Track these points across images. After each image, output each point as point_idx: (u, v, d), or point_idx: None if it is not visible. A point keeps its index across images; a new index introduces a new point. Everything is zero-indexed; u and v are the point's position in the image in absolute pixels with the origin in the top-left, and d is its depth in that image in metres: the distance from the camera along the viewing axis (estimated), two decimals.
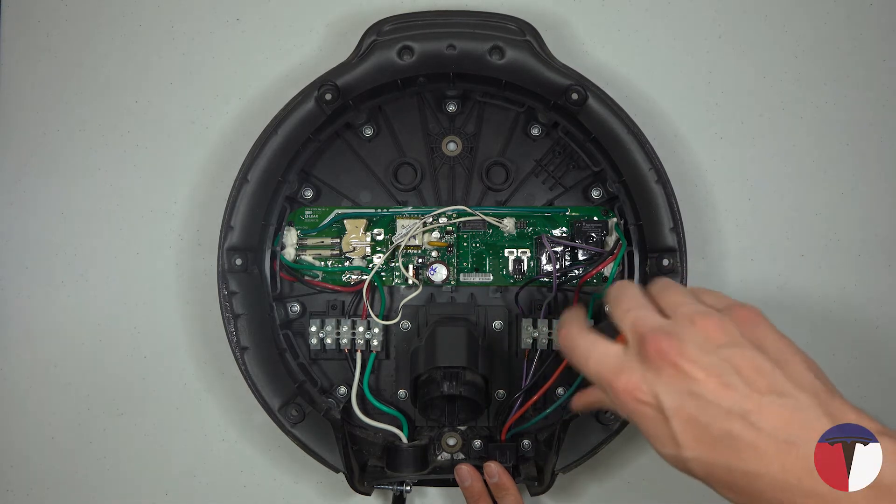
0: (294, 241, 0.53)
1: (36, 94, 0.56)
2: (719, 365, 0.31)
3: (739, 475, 0.30)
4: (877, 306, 0.54)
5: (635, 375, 0.32)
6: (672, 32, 0.56)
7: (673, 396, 0.31)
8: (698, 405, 0.31)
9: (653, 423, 0.32)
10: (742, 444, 0.30)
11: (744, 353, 0.31)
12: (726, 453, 0.30)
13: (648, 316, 0.34)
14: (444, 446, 0.52)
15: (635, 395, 0.32)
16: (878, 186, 0.55)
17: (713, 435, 0.30)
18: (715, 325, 0.32)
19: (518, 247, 0.53)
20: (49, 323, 0.55)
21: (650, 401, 0.32)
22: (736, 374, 0.31)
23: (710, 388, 0.30)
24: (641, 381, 0.32)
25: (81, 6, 0.57)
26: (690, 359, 0.31)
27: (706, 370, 0.31)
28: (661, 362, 0.32)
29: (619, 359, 0.33)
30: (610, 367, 0.33)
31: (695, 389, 0.31)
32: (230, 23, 0.57)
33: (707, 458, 0.31)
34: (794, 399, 0.30)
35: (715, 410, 0.30)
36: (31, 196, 0.56)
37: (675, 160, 0.54)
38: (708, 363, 0.31)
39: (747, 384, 0.30)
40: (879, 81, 0.55)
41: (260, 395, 0.49)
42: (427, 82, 0.52)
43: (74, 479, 0.55)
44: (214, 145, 0.56)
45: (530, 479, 0.50)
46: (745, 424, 0.30)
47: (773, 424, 0.29)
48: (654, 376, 0.32)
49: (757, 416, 0.30)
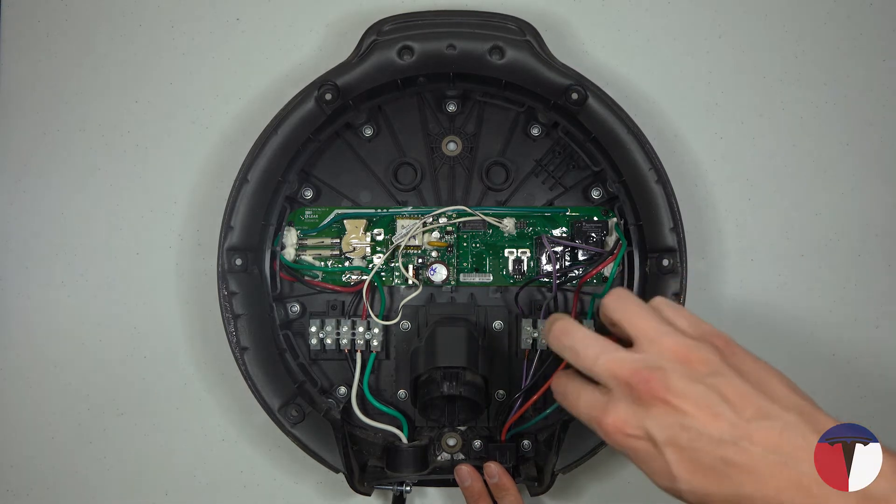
0: (294, 241, 0.53)
1: (36, 94, 0.56)
2: (706, 395, 0.31)
3: (735, 500, 0.31)
4: (877, 306, 0.54)
5: (622, 412, 0.33)
6: (672, 32, 0.56)
7: (664, 431, 0.32)
8: (690, 437, 0.31)
9: (646, 456, 0.33)
10: (736, 470, 0.30)
11: (728, 381, 0.32)
12: (721, 480, 0.31)
13: (622, 356, 0.34)
14: (444, 446, 0.52)
15: (625, 431, 0.33)
16: (878, 186, 0.55)
17: (707, 464, 0.31)
18: (697, 356, 0.33)
19: (518, 247, 0.53)
20: (49, 323, 0.55)
21: (641, 435, 0.32)
22: (723, 403, 0.31)
23: (701, 419, 0.31)
24: (631, 417, 0.33)
25: (81, 6, 0.57)
26: (678, 393, 0.32)
27: (695, 402, 0.31)
28: (651, 399, 0.32)
29: (605, 398, 0.34)
30: (598, 407, 0.34)
31: (685, 423, 0.31)
32: (230, 23, 0.57)
33: (703, 488, 0.31)
34: (782, 420, 0.31)
35: (707, 440, 0.31)
36: (31, 196, 0.56)
37: (675, 160, 0.54)
38: (695, 395, 0.31)
39: (735, 411, 0.31)
40: (879, 81, 0.55)
41: (260, 395, 0.49)
42: (427, 82, 0.52)
43: (74, 479, 0.55)
44: (214, 145, 0.56)
45: (530, 480, 0.50)
46: (737, 450, 0.30)
47: (765, 447, 0.30)
48: (643, 412, 0.32)
49: (748, 441, 0.30)
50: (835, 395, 0.54)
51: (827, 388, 0.54)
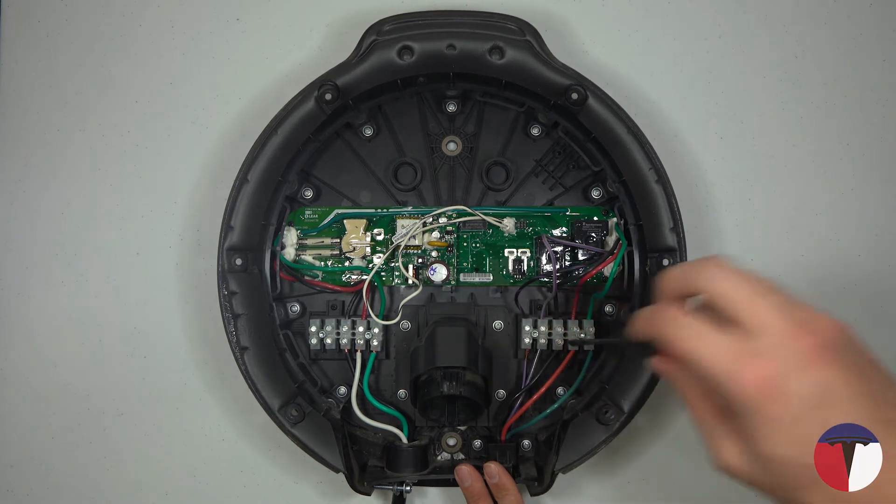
0: (294, 241, 0.53)
1: (36, 94, 0.56)
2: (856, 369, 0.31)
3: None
4: (877, 306, 0.54)
5: (783, 362, 0.31)
6: (672, 32, 0.56)
7: (818, 396, 0.30)
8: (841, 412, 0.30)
9: (781, 416, 0.31)
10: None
11: (869, 361, 0.32)
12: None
13: (789, 299, 0.32)
14: (444, 446, 0.52)
15: (776, 384, 0.30)
16: (878, 186, 0.55)
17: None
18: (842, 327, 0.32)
19: (518, 247, 0.53)
20: (49, 323, 0.55)
21: (796, 391, 0.30)
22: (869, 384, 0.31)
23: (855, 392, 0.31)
24: (792, 370, 0.30)
25: (81, 6, 0.57)
26: (842, 361, 0.31)
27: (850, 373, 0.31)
28: (820, 356, 0.30)
29: (746, 343, 0.31)
30: (735, 353, 0.31)
31: (841, 393, 0.30)
32: (230, 23, 0.57)
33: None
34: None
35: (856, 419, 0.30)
36: (32, 196, 0.56)
37: (675, 160, 0.54)
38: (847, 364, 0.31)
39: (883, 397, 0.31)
40: (879, 81, 0.55)
41: (260, 395, 0.49)
42: (427, 82, 0.52)
43: (74, 479, 0.55)
44: (214, 145, 0.56)
45: (530, 479, 0.50)
46: (883, 436, 0.30)
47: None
48: (805, 368, 0.31)
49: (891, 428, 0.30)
50: None
51: None
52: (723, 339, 0.32)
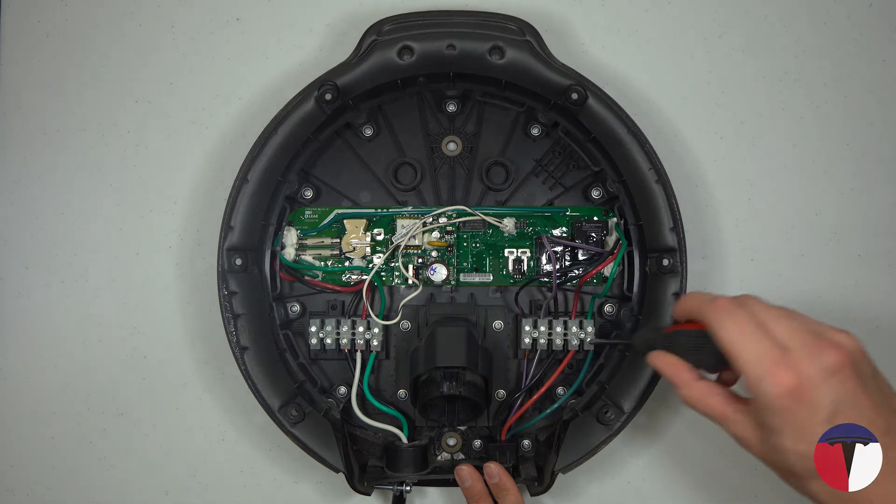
0: (294, 241, 0.53)
1: (36, 94, 0.56)
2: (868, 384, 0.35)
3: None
4: (877, 306, 0.54)
5: (807, 373, 0.35)
6: (672, 32, 0.56)
7: (837, 403, 0.34)
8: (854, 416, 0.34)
9: (802, 418, 0.34)
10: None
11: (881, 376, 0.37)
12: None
13: (808, 321, 0.37)
14: (444, 446, 0.52)
15: (802, 391, 0.34)
16: (878, 186, 0.55)
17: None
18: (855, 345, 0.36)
19: (518, 247, 0.53)
20: (49, 323, 0.55)
21: (818, 401, 0.34)
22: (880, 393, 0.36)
23: (868, 404, 0.35)
24: (816, 380, 0.34)
25: (81, 6, 0.57)
26: (858, 373, 0.35)
27: (863, 387, 0.35)
28: (839, 368, 0.34)
29: (782, 352, 0.35)
30: (773, 358, 0.35)
31: (856, 402, 0.34)
32: (230, 23, 0.57)
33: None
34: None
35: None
36: (32, 196, 0.56)
37: (675, 160, 0.54)
38: (864, 379, 0.35)
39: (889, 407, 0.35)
40: (879, 81, 0.55)
41: (260, 395, 0.49)
42: (427, 82, 0.52)
43: (74, 479, 0.55)
44: (214, 145, 0.56)
45: (530, 479, 0.50)
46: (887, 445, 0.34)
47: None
48: (827, 378, 0.34)
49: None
50: None
51: None
52: (763, 342, 0.36)
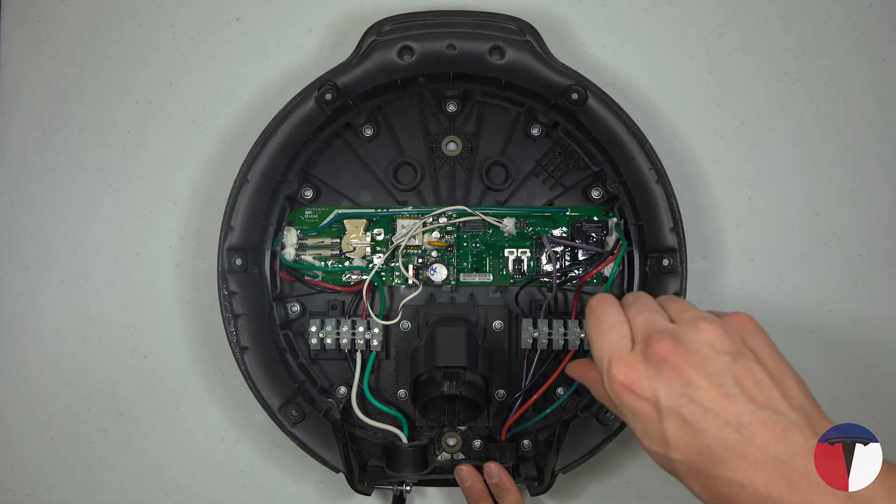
0: (294, 241, 0.53)
1: (36, 94, 0.56)
2: (721, 374, 0.32)
3: (723, 482, 0.31)
4: (877, 306, 0.54)
5: (637, 370, 0.33)
6: (672, 32, 0.56)
7: (671, 398, 0.32)
8: (696, 411, 0.31)
9: (644, 419, 0.33)
10: (732, 454, 0.31)
11: (746, 365, 0.32)
12: (714, 461, 0.31)
13: (658, 319, 0.34)
14: (444, 446, 0.52)
15: (633, 389, 0.33)
16: (878, 186, 0.55)
17: (705, 441, 0.31)
18: (719, 332, 0.33)
19: (518, 247, 0.53)
20: (49, 323, 0.55)
21: (647, 397, 0.32)
22: (736, 385, 0.31)
23: (711, 395, 0.31)
24: (643, 376, 0.33)
25: (81, 6, 0.57)
26: (694, 364, 0.32)
27: (708, 378, 0.32)
28: (665, 363, 0.32)
29: (627, 349, 0.34)
30: (619, 352, 0.34)
31: (695, 395, 0.31)
32: (230, 23, 0.57)
33: (694, 463, 0.32)
34: (788, 417, 0.31)
35: (712, 418, 0.31)
36: (31, 196, 0.56)
37: (675, 160, 0.54)
38: (710, 371, 0.32)
39: (747, 397, 0.31)
40: (879, 81, 0.55)
41: (260, 395, 0.49)
42: (427, 82, 0.52)
43: (74, 479, 0.55)
44: (214, 145, 0.56)
45: (530, 479, 0.50)
46: (739, 436, 0.31)
47: (766, 439, 0.30)
48: (655, 374, 0.32)
49: (751, 429, 0.30)
50: (835, 395, 0.54)
51: (827, 388, 0.53)
52: (611, 338, 0.34)
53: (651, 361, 0.33)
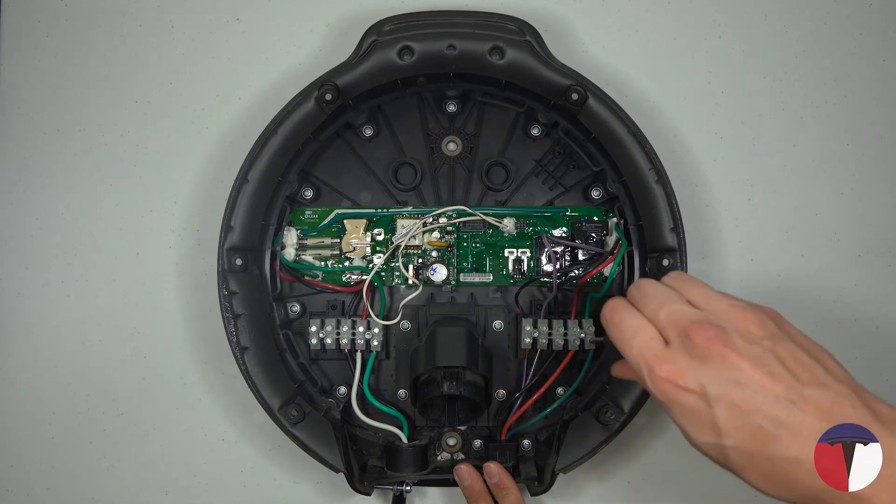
0: (294, 241, 0.53)
1: (36, 94, 0.56)
2: (764, 356, 0.32)
3: (779, 463, 0.31)
4: (877, 306, 0.54)
5: (679, 364, 0.33)
6: (672, 32, 0.56)
7: (719, 385, 0.32)
8: (744, 394, 0.32)
9: (692, 411, 0.33)
10: (786, 432, 0.31)
11: (784, 346, 0.33)
12: (768, 441, 0.31)
13: (685, 309, 0.34)
14: (444, 446, 0.52)
15: (678, 382, 0.33)
16: (878, 186, 0.55)
17: (756, 423, 0.31)
18: (754, 317, 0.33)
19: (518, 247, 0.53)
20: (49, 323, 0.55)
21: (694, 389, 0.33)
22: (780, 365, 0.32)
23: (757, 377, 0.32)
24: (686, 369, 0.33)
25: (81, 6, 0.57)
26: (736, 349, 0.32)
27: (752, 360, 0.32)
28: (708, 352, 0.32)
29: (662, 346, 0.34)
30: (654, 353, 0.34)
31: (741, 379, 0.32)
32: (230, 23, 0.57)
33: (748, 447, 0.32)
34: (835, 390, 0.31)
35: (761, 399, 0.31)
36: (31, 196, 0.56)
37: (675, 160, 0.54)
38: (753, 354, 0.32)
39: (792, 375, 0.32)
40: (879, 81, 0.55)
41: (260, 395, 0.49)
42: (427, 82, 0.52)
43: (74, 479, 0.55)
44: (214, 145, 0.56)
45: (530, 479, 0.50)
46: (790, 413, 0.31)
47: (817, 413, 0.31)
48: (698, 365, 0.33)
49: (801, 405, 0.31)
50: None
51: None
52: (641, 337, 0.35)
53: (694, 353, 0.33)
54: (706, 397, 0.32)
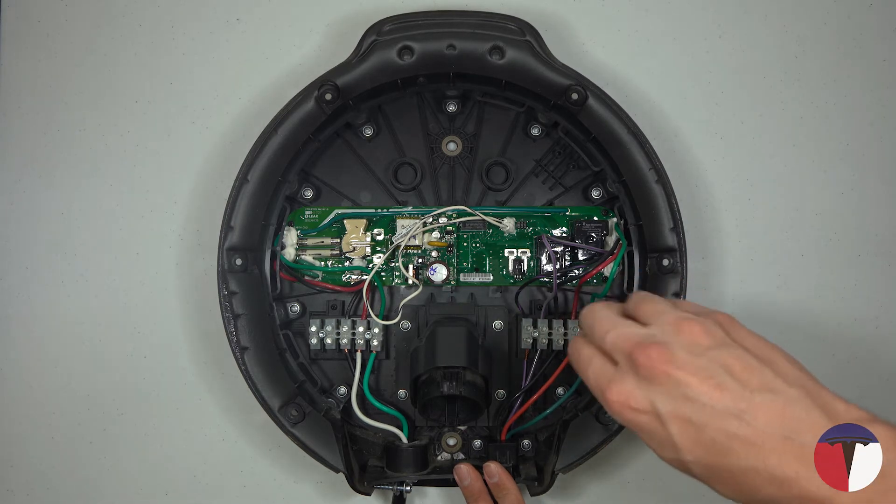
0: (294, 241, 0.53)
1: (36, 94, 0.56)
2: (710, 367, 0.32)
3: (738, 473, 0.31)
4: (877, 306, 0.54)
5: (627, 385, 0.33)
6: (672, 32, 0.56)
7: (668, 402, 0.32)
8: (693, 408, 0.31)
9: (650, 429, 0.33)
10: (739, 443, 0.30)
11: (732, 353, 0.32)
12: (725, 453, 0.31)
13: (628, 331, 0.34)
14: (444, 446, 0.52)
15: (630, 404, 0.33)
16: (878, 186, 0.55)
17: (710, 436, 0.31)
18: (699, 328, 0.33)
19: (518, 247, 0.53)
20: (49, 323, 0.55)
21: (646, 409, 0.32)
22: (727, 375, 0.31)
23: (704, 390, 0.31)
24: (635, 389, 0.33)
25: (81, 6, 0.57)
26: (681, 364, 0.32)
27: (698, 374, 0.31)
28: (653, 371, 0.32)
29: (612, 370, 0.34)
30: (605, 378, 0.34)
31: (689, 394, 0.31)
32: (230, 23, 0.57)
33: (706, 460, 0.31)
34: (785, 394, 0.31)
35: (710, 412, 0.31)
36: (32, 196, 0.56)
37: (675, 160, 0.54)
38: (699, 366, 0.32)
39: (739, 383, 0.31)
40: (879, 81, 0.55)
41: (260, 395, 0.49)
42: (427, 82, 0.52)
43: (74, 479, 0.55)
44: (214, 145, 0.56)
45: (530, 479, 0.50)
46: (740, 423, 0.30)
47: (768, 420, 0.30)
48: (647, 385, 0.32)
49: (752, 414, 0.30)
50: None
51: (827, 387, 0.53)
52: (594, 364, 0.35)
53: (640, 374, 0.33)
54: (658, 416, 0.32)
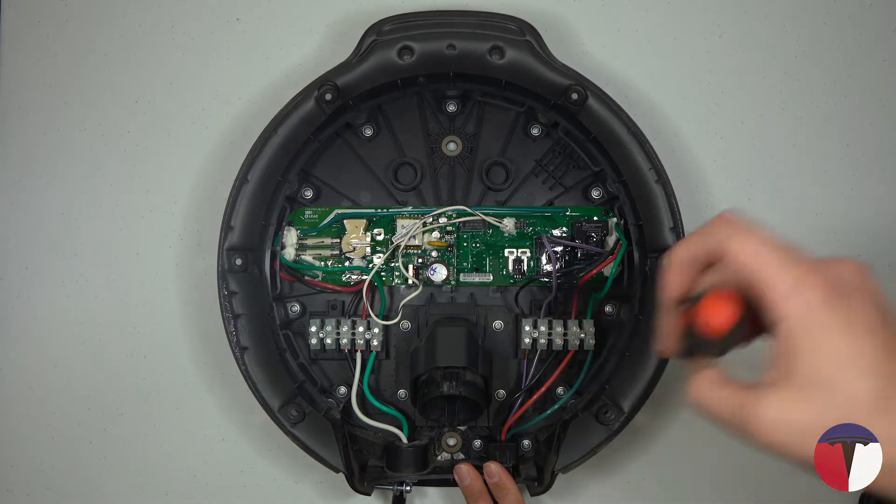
0: (294, 241, 0.53)
1: (36, 94, 0.56)
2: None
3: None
4: None
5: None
6: (672, 32, 0.56)
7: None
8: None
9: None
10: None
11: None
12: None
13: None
14: (444, 446, 0.52)
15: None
16: (878, 186, 0.55)
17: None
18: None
19: (518, 247, 0.53)
20: (49, 323, 0.55)
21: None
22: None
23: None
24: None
25: (81, 6, 0.57)
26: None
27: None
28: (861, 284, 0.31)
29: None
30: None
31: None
32: (230, 23, 0.57)
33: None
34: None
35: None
36: (32, 196, 0.56)
37: (675, 160, 0.54)
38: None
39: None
40: (879, 81, 0.55)
41: (260, 395, 0.49)
42: (427, 82, 0.52)
43: (74, 479, 0.55)
44: (214, 145, 0.56)
45: (530, 479, 0.50)
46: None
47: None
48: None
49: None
50: None
51: None
52: (781, 252, 0.31)
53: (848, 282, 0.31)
54: (859, 324, 0.30)
